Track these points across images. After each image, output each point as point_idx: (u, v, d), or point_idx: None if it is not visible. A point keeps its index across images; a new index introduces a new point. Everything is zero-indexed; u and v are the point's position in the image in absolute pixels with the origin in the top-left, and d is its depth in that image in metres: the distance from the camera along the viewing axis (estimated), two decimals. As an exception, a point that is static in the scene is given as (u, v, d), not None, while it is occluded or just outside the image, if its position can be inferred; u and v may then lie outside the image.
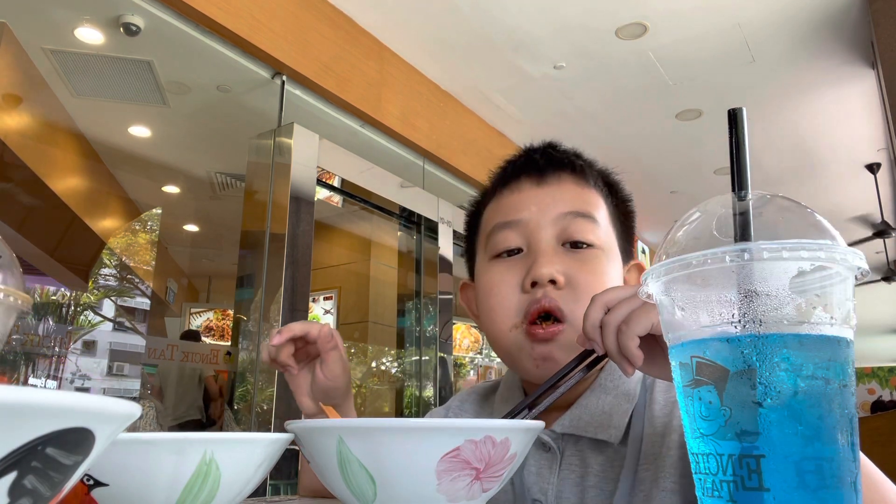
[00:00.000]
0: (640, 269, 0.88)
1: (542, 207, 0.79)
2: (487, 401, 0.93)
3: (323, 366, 0.80)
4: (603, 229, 0.80)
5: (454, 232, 3.61)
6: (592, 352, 0.62)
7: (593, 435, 0.74)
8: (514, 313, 0.77)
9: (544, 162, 0.83)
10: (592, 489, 0.73)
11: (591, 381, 0.79)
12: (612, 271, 0.78)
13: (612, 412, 0.75)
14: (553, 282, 0.75)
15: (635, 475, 0.71)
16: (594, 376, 0.79)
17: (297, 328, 0.78)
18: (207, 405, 4.55)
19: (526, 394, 0.84)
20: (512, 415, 0.65)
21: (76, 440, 0.23)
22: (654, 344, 0.57)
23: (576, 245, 0.77)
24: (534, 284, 0.75)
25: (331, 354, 0.79)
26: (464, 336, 4.91)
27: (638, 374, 0.78)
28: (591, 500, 0.73)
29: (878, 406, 7.97)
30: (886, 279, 5.94)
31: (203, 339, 5.91)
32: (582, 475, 0.74)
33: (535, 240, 0.78)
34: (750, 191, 0.40)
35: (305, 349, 0.82)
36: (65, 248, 4.34)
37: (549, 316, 0.75)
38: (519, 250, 0.80)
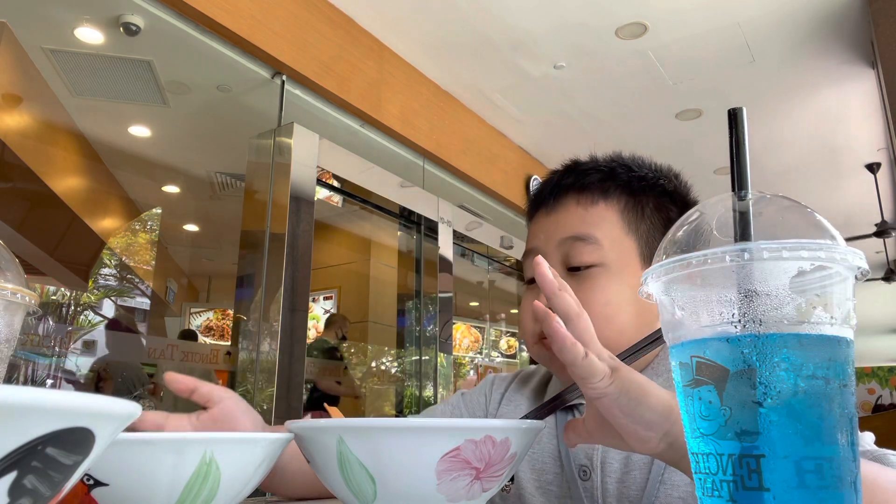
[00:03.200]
0: None
1: (548, 235, 0.86)
2: (540, 391, 0.97)
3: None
4: (608, 245, 0.82)
5: (454, 232, 3.61)
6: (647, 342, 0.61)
7: None
8: (534, 335, 0.86)
9: (549, 191, 0.89)
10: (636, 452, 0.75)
11: (645, 364, 0.85)
12: (618, 283, 0.82)
13: None
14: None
15: None
16: (649, 359, 0.85)
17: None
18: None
19: None
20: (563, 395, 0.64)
21: (76, 440, 0.23)
22: (598, 415, 0.52)
23: (577, 268, 0.82)
24: None
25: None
26: (464, 336, 4.90)
27: None
28: (634, 463, 0.78)
29: (878, 410, 7.97)
30: (886, 279, 5.93)
31: (203, 338, 5.90)
32: None
33: None
34: (750, 191, 0.40)
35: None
36: (65, 248, 4.33)
37: None
38: None
